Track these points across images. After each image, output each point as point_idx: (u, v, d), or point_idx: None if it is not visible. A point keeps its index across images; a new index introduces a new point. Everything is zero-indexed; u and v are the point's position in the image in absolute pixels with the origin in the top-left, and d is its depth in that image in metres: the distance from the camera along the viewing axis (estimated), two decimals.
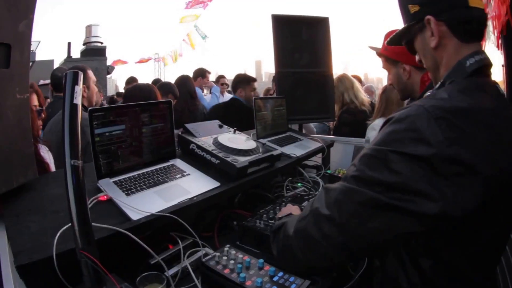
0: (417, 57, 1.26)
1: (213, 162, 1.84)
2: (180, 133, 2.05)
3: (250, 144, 2.05)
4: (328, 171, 2.74)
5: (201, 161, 1.89)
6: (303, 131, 3.51)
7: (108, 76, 20.83)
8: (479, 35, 1.09)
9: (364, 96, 3.87)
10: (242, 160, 1.84)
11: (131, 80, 6.50)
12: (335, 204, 0.97)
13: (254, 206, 2.01)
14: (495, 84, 1.08)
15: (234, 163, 1.77)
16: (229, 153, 1.87)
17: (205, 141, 1.97)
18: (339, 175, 2.50)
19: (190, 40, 15.83)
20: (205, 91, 6.30)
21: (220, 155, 1.82)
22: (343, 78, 3.92)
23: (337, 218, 0.95)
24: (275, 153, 2.08)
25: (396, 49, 1.76)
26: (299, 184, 2.45)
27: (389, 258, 1.11)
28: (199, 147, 1.91)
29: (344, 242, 0.95)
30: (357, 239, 0.94)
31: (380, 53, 1.98)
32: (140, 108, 1.70)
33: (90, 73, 2.97)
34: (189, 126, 2.08)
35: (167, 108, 1.82)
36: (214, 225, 1.83)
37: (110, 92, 16.93)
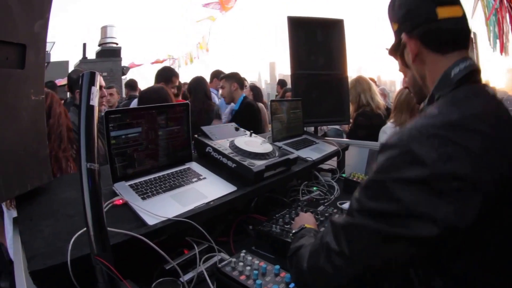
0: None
1: (229, 165, 1.81)
2: (196, 135, 2.03)
3: (267, 147, 2.02)
4: (343, 175, 2.69)
5: (217, 164, 1.86)
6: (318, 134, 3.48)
7: (123, 77, 21.04)
8: (457, 45, 1.08)
9: (380, 100, 3.84)
10: (259, 164, 1.81)
11: (132, 83, 6.47)
12: (343, 239, 0.96)
13: (269, 210, 1.98)
14: (485, 87, 1.07)
15: (251, 167, 1.75)
16: (246, 157, 1.85)
17: (222, 144, 1.95)
18: (354, 179, 2.47)
19: (204, 43, 15.82)
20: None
21: (237, 158, 1.80)
22: (361, 79, 3.90)
23: (347, 252, 0.94)
24: (291, 156, 2.05)
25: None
26: (314, 188, 2.43)
27: (396, 280, 1.09)
28: (215, 150, 1.89)
29: (356, 273, 0.94)
30: (368, 269, 0.93)
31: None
32: (156, 111, 1.68)
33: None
34: (205, 128, 2.06)
35: (184, 110, 1.81)
36: (229, 229, 1.80)
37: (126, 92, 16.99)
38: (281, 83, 9.64)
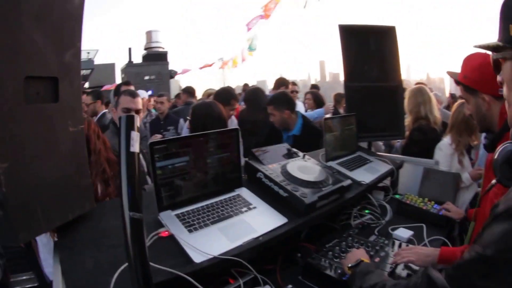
0: (503, 90, 1.06)
1: (281, 194, 1.74)
2: (246, 159, 1.97)
3: (320, 174, 1.92)
4: (396, 196, 2.57)
5: (268, 191, 1.79)
6: (372, 148, 3.31)
7: (172, 80, 21.66)
8: None
9: (438, 114, 3.65)
10: (312, 194, 1.71)
11: (191, 90, 6.45)
12: None
13: (319, 236, 1.93)
14: None
15: (303, 198, 1.66)
16: (298, 185, 1.76)
17: (273, 170, 1.87)
18: (407, 201, 2.39)
19: (254, 44, 15.89)
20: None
21: (289, 187, 1.72)
22: (423, 89, 3.70)
23: None
24: (345, 184, 1.94)
25: (476, 77, 1.66)
26: (366, 211, 2.31)
27: None
28: (266, 176, 1.81)
29: None
30: None
31: (458, 81, 1.81)
32: (205, 138, 1.63)
33: (123, 98, 2.80)
34: (256, 152, 1.99)
35: (234, 136, 1.75)
36: (277, 256, 1.73)
37: (175, 91, 17.44)
38: (315, 88, 9.45)
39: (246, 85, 10.97)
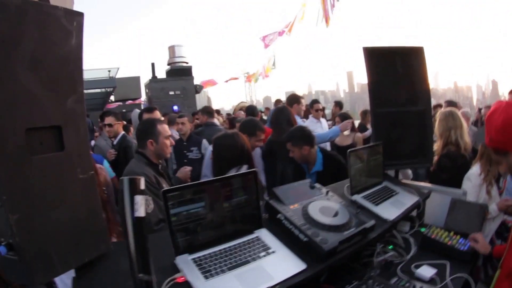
0: None
1: (301, 238, 1.68)
2: (267, 199, 1.93)
3: (342, 216, 1.86)
4: (422, 229, 2.49)
5: (288, 233, 1.74)
6: (400, 176, 3.21)
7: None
8: None
9: (468, 140, 3.55)
10: (332, 239, 1.66)
11: (210, 110, 6.38)
12: None
13: (340, 275, 1.89)
14: None
15: (323, 245, 1.60)
16: (319, 229, 1.70)
17: (294, 211, 1.82)
18: (433, 236, 2.32)
19: (273, 61, 16.05)
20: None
21: (309, 232, 1.66)
22: (455, 113, 3.60)
23: None
24: (368, 225, 1.87)
25: (501, 138, 1.61)
26: (390, 246, 2.24)
27: None
28: (287, 218, 1.77)
29: None
30: None
31: (487, 145, 1.75)
32: (220, 183, 1.62)
33: (162, 127, 2.83)
34: (278, 191, 1.95)
35: (252, 178, 1.72)
36: None
37: (202, 103, 17.66)
38: (339, 104, 9.29)
39: (278, 101, 10.79)
